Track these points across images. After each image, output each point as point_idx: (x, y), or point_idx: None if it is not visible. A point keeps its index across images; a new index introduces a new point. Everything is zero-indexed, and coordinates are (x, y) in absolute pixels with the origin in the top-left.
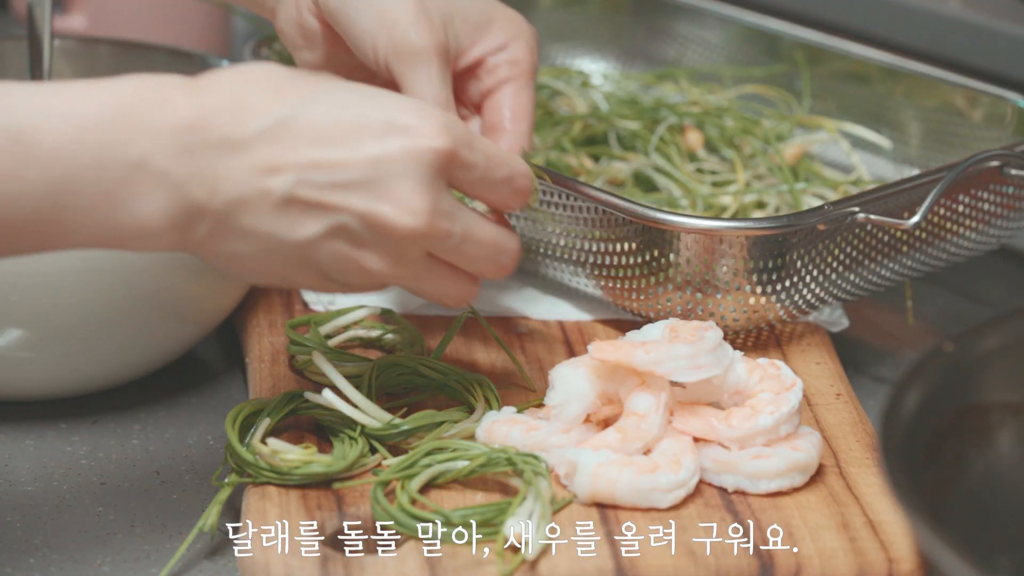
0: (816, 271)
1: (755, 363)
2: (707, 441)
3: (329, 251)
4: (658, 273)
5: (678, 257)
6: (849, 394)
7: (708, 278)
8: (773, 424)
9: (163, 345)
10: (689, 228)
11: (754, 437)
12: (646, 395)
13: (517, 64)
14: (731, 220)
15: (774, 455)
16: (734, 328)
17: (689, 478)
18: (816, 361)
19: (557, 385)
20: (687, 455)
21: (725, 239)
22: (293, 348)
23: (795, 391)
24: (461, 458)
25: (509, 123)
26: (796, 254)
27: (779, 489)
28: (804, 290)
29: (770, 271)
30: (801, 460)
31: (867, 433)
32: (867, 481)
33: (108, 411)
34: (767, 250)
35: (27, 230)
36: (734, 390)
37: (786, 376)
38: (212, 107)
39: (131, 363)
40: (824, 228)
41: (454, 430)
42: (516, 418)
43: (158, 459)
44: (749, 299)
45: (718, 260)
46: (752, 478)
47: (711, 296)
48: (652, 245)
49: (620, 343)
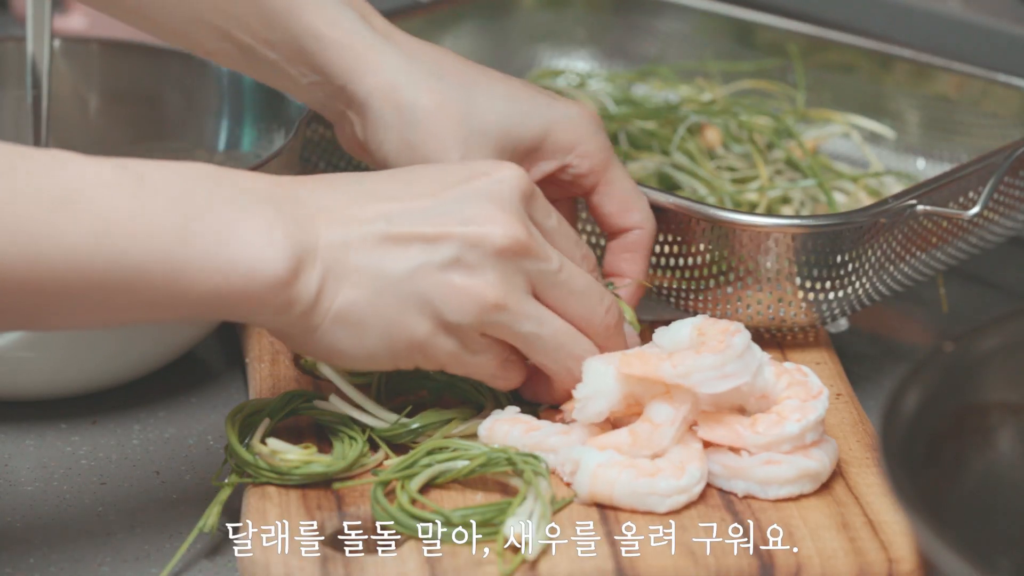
0: (870, 268)
1: (782, 368)
2: (717, 445)
3: (439, 281)
4: (726, 274)
5: (741, 256)
6: (849, 394)
7: (764, 275)
8: (799, 431)
9: (163, 345)
10: (766, 227)
11: (780, 444)
12: (666, 406)
13: (585, 178)
14: (804, 217)
15: (785, 462)
16: (788, 326)
17: (692, 485)
18: (816, 361)
19: (587, 378)
20: (693, 462)
21: (797, 237)
22: None
23: (822, 399)
24: (461, 458)
25: (626, 218)
26: (856, 251)
27: (789, 496)
28: (859, 287)
29: (832, 267)
30: (812, 468)
31: (867, 433)
32: (867, 481)
33: (108, 411)
34: (830, 247)
35: (151, 277)
36: (761, 395)
37: (813, 383)
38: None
39: (131, 363)
40: (884, 223)
41: (461, 428)
42: (517, 417)
43: (158, 459)
44: (807, 296)
45: (785, 258)
46: (763, 484)
47: (761, 293)
48: (717, 246)
49: (648, 355)
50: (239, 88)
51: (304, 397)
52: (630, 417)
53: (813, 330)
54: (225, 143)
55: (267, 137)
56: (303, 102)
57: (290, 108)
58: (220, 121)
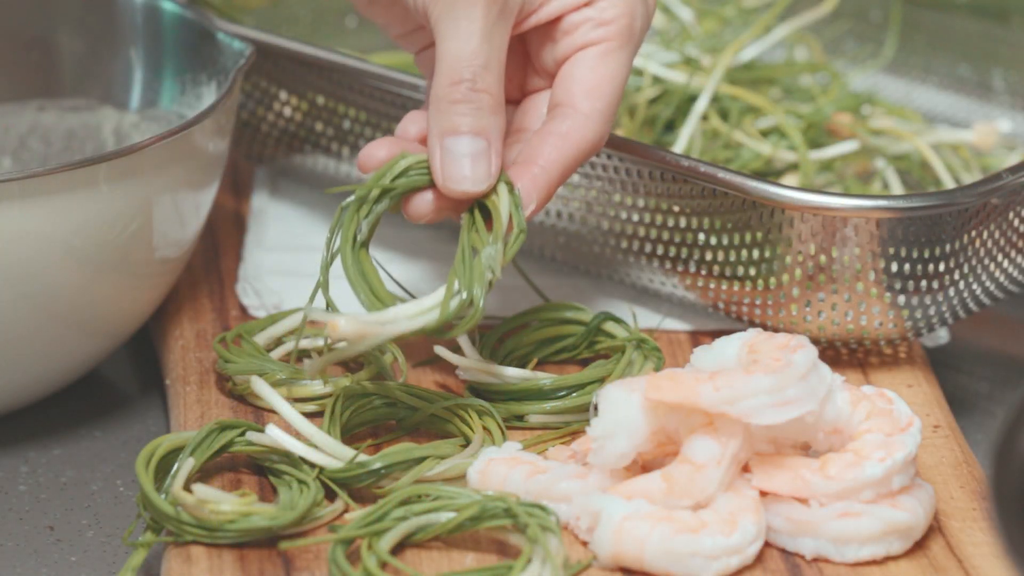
0: (977, 263)
1: (861, 393)
2: (778, 494)
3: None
4: (789, 271)
5: (808, 248)
6: (951, 426)
7: (840, 272)
8: (884, 475)
9: (58, 362)
10: (843, 210)
11: (859, 491)
12: (709, 441)
13: (605, 25)
14: (893, 198)
15: (866, 514)
16: (871, 339)
17: (746, 544)
18: (907, 383)
19: (604, 412)
20: (747, 515)
21: (884, 223)
22: (224, 367)
23: (912, 432)
24: (445, 508)
25: (580, 100)
26: (960, 241)
27: (872, 558)
28: (963, 288)
29: (928, 262)
30: (902, 522)
31: (974, 477)
32: (974, 540)
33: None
34: (926, 236)
35: None
36: (832, 428)
37: (901, 412)
38: None
39: (16, 386)
40: (996, 204)
41: (441, 468)
42: (518, 457)
43: (52, 511)
44: (896, 300)
45: (868, 250)
46: (838, 543)
47: (836, 296)
48: (776, 234)
49: (682, 376)
50: (157, 27)
51: (239, 429)
52: (664, 458)
53: (904, 344)
54: (139, 100)
55: (193, 92)
56: None
57: (223, 54)
58: (132, 71)
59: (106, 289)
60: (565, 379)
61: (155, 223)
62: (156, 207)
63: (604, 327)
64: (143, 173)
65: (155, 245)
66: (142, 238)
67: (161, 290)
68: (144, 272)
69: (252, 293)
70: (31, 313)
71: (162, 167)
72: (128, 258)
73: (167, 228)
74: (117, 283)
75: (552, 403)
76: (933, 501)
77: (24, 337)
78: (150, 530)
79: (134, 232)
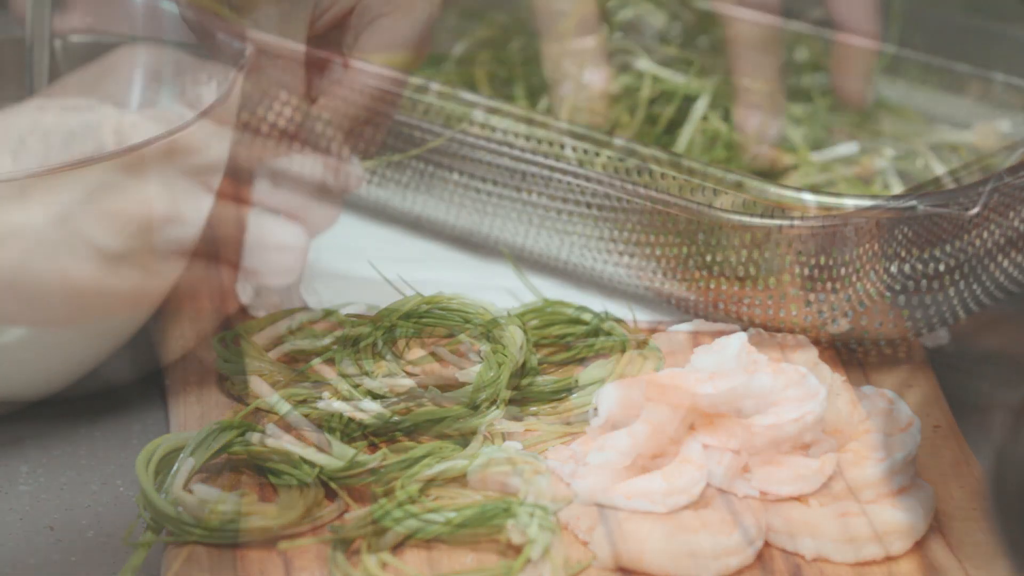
0: (976, 261)
1: (860, 393)
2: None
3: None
4: (787, 271)
5: (807, 250)
6: (951, 426)
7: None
8: (884, 474)
9: (58, 362)
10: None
11: (859, 491)
12: (709, 441)
13: None
14: (889, 198)
15: (866, 513)
16: (871, 339)
17: (746, 544)
18: (907, 383)
19: (603, 411)
20: (747, 515)
21: (884, 224)
22: (223, 367)
23: (912, 432)
24: (446, 508)
25: None
26: (959, 239)
27: (872, 558)
28: (963, 287)
29: (926, 261)
30: (901, 522)
31: (975, 477)
32: (974, 539)
33: None
34: (925, 235)
35: None
36: (832, 428)
37: (900, 412)
38: None
39: (16, 386)
40: (997, 200)
41: (440, 468)
42: (520, 457)
43: (52, 512)
44: (895, 299)
45: (868, 248)
46: (838, 543)
47: (836, 296)
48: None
49: (681, 375)
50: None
51: (239, 429)
52: (664, 458)
53: (904, 344)
54: (139, 100)
55: (193, 92)
56: None
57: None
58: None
59: (107, 285)
60: (565, 379)
61: (155, 223)
62: (156, 207)
63: (604, 327)
64: (143, 173)
65: (155, 245)
66: (142, 238)
67: (163, 287)
68: (144, 272)
69: (253, 293)
70: (31, 313)
71: (162, 167)
72: (128, 258)
73: (167, 228)
74: (119, 279)
75: (552, 403)
76: (933, 501)
77: (24, 337)
78: (150, 530)
79: (134, 232)
